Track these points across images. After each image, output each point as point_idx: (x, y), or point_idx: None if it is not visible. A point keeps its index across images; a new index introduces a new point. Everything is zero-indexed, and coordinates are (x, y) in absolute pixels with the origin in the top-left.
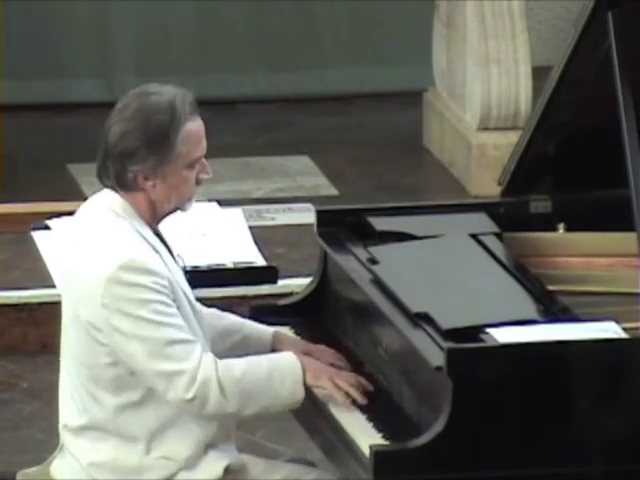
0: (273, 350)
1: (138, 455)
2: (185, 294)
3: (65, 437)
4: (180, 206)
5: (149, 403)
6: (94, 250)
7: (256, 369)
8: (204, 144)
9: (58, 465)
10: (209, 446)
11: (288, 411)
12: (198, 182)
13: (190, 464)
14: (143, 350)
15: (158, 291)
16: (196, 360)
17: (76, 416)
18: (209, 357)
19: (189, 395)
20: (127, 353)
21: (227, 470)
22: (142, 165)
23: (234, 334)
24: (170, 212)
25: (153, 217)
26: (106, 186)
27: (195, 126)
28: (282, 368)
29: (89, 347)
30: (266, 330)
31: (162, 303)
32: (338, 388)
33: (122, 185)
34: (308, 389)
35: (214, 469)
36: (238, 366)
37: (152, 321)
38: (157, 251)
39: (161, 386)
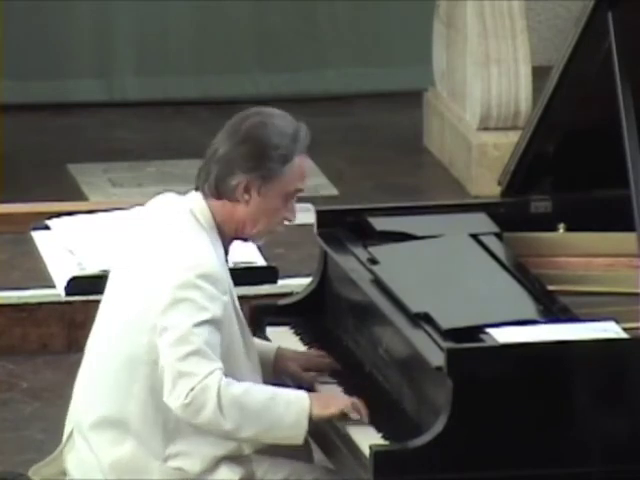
0: (275, 366)
1: (156, 460)
2: (235, 309)
3: (83, 430)
4: (257, 236)
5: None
6: (172, 250)
7: (259, 390)
8: (305, 182)
9: (68, 457)
10: (223, 458)
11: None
12: (282, 221)
13: (201, 478)
14: (173, 342)
15: (215, 302)
16: (207, 371)
17: (100, 407)
18: (219, 371)
19: (187, 400)
20: (161, 342)
21: None
22: (248, 175)
23: None
24: (245, 238)
25: (230, 234)
26: (200, 190)
27: (305, 162)
28: (288, 396)
29: (138, 340)
30: (270, 346)
31: (212, 313)
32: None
33: (218, 190)
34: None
35: None
36: (241, 384)
37: (195, 321)
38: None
39: (168, 384)
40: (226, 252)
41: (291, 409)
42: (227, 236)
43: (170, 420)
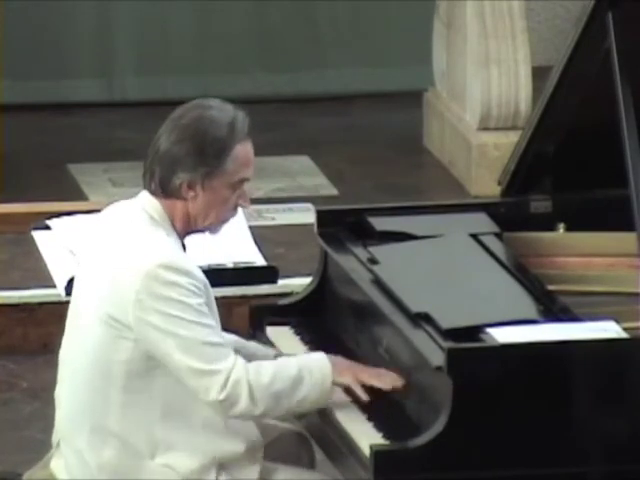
0: None
1: (143, 460)
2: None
3: (67, 437)
4: (211, 227)
5: (155, 409)
6: (132, 248)
7: (285, 371)
8: (252, 169)
9: (57, 464)
10: (224, 466)
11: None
12: (235, 208)
13: (192, 478)
14: (178, 347)
15: (194, 293)
16: (230, 362)
17: (80, 416)
18: (241, 360)
19: (221, 396)
20: (162, 350)
21: None
22: (189, 174)
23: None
24: (200, 230)
25: (184, 229)
26: (148, 189)
27: (247, 148)
28: (312, 368)
29: (107, 342)
30: (268, 354)
31: (198, 304)
32: (360, 383)
33: (165, 190)
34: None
35: None
36: (267, 369)
37: (188, 320)
38: None
39: (193, 384)
40: (184, 247)
41: (316, 382)
42: (181, 231)
43: (155, 421)
